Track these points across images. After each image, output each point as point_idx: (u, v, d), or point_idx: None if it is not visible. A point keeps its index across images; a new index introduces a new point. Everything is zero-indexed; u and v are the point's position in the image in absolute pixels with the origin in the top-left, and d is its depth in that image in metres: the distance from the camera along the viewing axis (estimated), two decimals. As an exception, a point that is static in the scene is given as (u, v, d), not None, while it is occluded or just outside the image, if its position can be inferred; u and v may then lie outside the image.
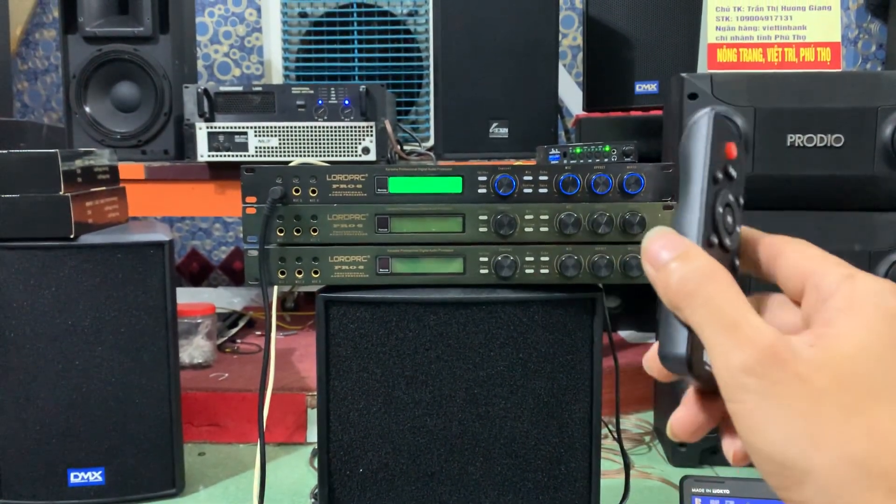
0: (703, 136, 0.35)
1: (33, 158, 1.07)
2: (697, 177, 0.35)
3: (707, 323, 0.32)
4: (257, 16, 2.39)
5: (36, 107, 2.47)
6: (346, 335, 0.86)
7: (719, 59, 1.32)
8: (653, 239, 0.35)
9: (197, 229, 2.51)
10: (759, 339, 0.31)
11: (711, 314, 0.32)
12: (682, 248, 0.34)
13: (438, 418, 0.87)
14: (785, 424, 0.30)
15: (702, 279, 0.33)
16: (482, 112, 1.67)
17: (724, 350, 0.31)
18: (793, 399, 0.30)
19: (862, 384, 0.30)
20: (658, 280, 0.34)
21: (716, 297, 0.32)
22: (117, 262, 1.10)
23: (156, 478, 1.15)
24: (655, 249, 0.34)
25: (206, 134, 1.49)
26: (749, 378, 0.30)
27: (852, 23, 2.31)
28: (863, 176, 1.22)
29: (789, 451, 0.30)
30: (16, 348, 1.09)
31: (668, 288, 0.33)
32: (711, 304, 0.32)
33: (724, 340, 0.31)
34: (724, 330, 0.31)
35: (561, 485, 0.88)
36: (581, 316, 0.86)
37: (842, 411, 0.30)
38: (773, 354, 0.30)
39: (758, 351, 0.31)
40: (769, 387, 0.30)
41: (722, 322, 0.32)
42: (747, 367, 0.31)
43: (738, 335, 0.31)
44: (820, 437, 0.30)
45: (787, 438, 0.30)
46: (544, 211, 0.84)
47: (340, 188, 0.85)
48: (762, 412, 0.30)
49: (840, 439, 0.29)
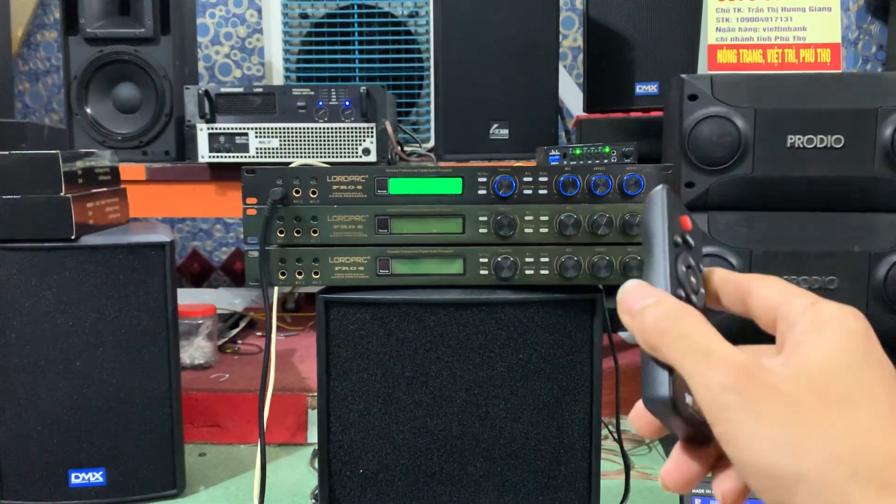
0: (659, 207, 0.39)
1: (34, 159, 1.08)
2: (658, 242, 0.38)
3: (683, 355, 0.34)
4: (258, 17, 2.40)
5: (37, 108, 2.47)
6: (347, 336, 0.86)
7: (719, 60, 1.32)
8: (627, 291, 0.37)
9: (198, 230, 2.51)
10: (732, 360, 0.33)
11: (686, 346, 0.34)
12: (654, 295, 0.36)
13: (438, 419, 0.87)
14: (769, 435, 0.31)
15: (674, 317, 0.35)
16: (482, 113, 1.67)
17: (702, 374, 0.33)
18: (773, 410, 0.31)
19: (835, 392, 0.32)
20: (634, 325, 0.36)
21: (688, 331, 0.34)
22: (118, 263, 1.10)
23: (156, 478, 1.15)
24: (630, 299, 0.37)
25: (206, 135, 1.50)
26: (728, 396, 0.32)
27: (852, 24, 2.31)
28: (863, 177, 1.22)
29: (777, 461, 0.31)
30: (17, 349, 1.09)
31: (644, 330, 0.36)
32: (685, 337, 0.34)
33: (701, 366, 0.33)
34: (699, 357, 0.33)
35: (561, 485, 0.89)
36: (581, 317, 0.86)
37: (821, 416, 0.31)
38: (747, 371, 0.32)
39: (733, 370, 0.32)
40: (748, 401, 0.32)
41: (697, 351, 0.34)
42: (725, 386, 0.32)
43: (712, 359, 0.33)
44: (804, 441, 0.31)
45: (773, 448, 0.31)
46: (544, 212, 0.84)
47: (341, 189, 0.85)
48: (746, 427, 0.32)
49: (824, 441, 0.31)
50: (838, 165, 1.22)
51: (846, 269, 1.22)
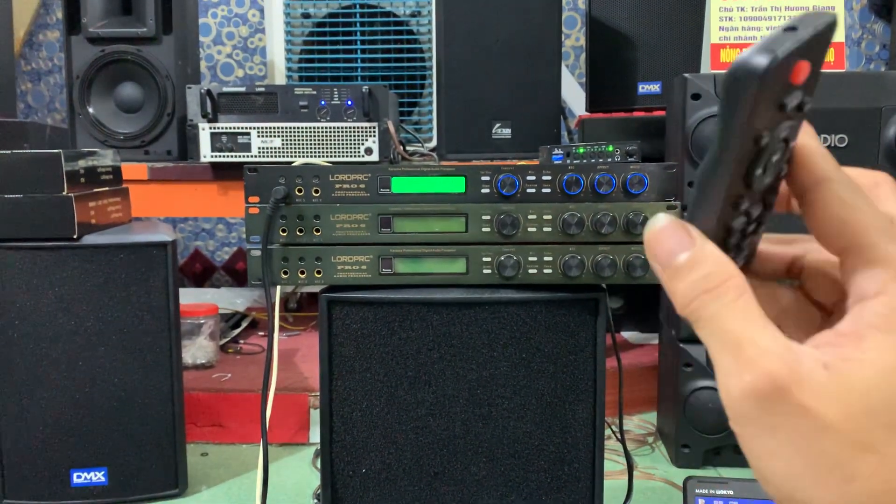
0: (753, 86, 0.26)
1: (37, 159, 1.08)
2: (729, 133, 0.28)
3: (711, 339, 0.29)
4: (260, 17, 2.40)
5: (39, 108, 2.47)
6: (349, 335, 0.86)
7: (722, 60, 1.32)
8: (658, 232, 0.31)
9: (200, 230, 2.51)
10: (762, 364, 0.28)
11: (715, 332, 0.29)
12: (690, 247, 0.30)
13: (441, 418, 0.87)
14: (786, 457, 0.28)
15: (705, 296, 0.29)
16: (485, 113, 1.67)
17: (726, 372, 0.29)
18: (794, 433, 0.28)
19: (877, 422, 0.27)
20: (666, 283, 0.31)
21: (721, 314, 0.29)
22: (120, 263, 1.10)
23: (158, 478, 1.15)
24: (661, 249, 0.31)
25: (209, 134, 1.50)
26: (750, 407, 0.28)
27: (856, 23, 2.30)
28: (866, 176, 1.21)
29: (790, 487, 0.28)
30: (19, 348, 1.09)
31: (675, 297, 0.31)
32: (716, 322, 0.29)
33: (728, 362, 0.29)
34: (727, 351, 0.29)
35: (564, 485, 0.88)
36: (584, 316, 0.86)
37: (848, 448, 0.27)
38: (773, 383, 0.28)
39: (759, 378, 0.28)
40: (768, 418, 0.28)
41: (725, 342, 0.29)
42: (747, 395, 0.28)
43: (741, 359, 0.28)
44: (821, 473, 0.27)
45: (789, 473, 0.28)
46: (547, 211, 0.84)
47: (343, 188, 0.85)
48: (764, 441, 0.28)
49: (843, 479, 0.27)
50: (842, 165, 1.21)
51: (850, 269, 1.21)
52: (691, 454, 1.29)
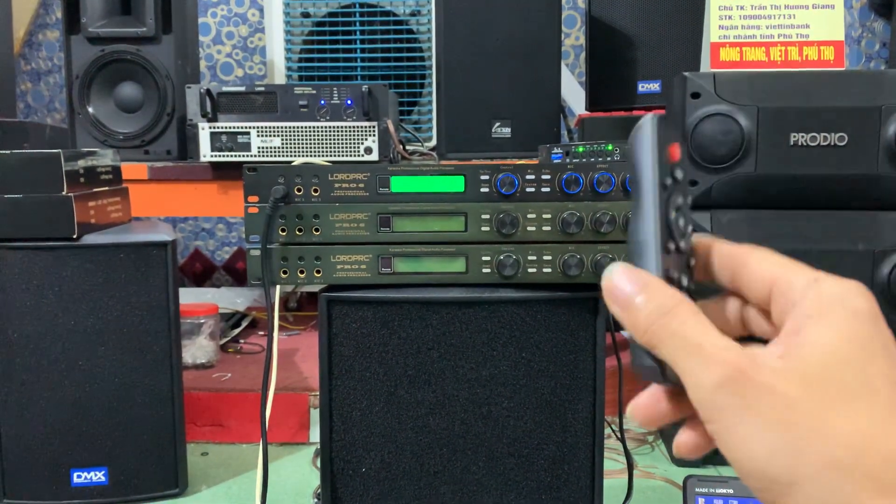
0: (648, 144, 0.36)
1: (36, 159, 1.08)
2: (648, 186, 0.36)
3: (675, 352, 0.33)
4: (260, 16, 2.39)
5: (39, 107, 2.47)
6: (349, 335, 0.86)
7: (722, 58, 1.32)
8: (613, 278, 0.36)
9: (200, 229, 2.51)
10: (725, 358, 0.32)
11: (678, 344, 0.33)
12: (643, 283, 0.35)
13: (441, 418, 0.87)
14: (764, 438, 0.30)
15: (665, 313, 0.34)
16: (485, 112, 1.67)
17: (695, 373, 0.32)
18: (768, 411, 0.30)
19: (835, 387, 0.30)
20: (625, 319, 0.35)
21: (681, 328, 0.33)
22: (120, 262, 1.10)
23: (159, 478, 1.15)
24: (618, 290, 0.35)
25: (208, 134, 1.50)
26: (722, 396, 0.31)
27: (856, 21, 2.30)
28: (867, 175, 1.21)
29: (772, 465, 0.30)
30: (19, 348, 1.09)
31: (636, 325, 0.35)
32: (677, 336, 0.33)
33: (693, 365, 0.32)
34: (691, 355, 0.32)
35: (564, 484, 0.88)
36: (584, 315, 0.86)
37: (818, 417, 0.30)
38: (739, 369, 0.31)
39: (726, 368, 0.31)
40: (742, 402, 0.31)
41: (688, 347, 0.33)
42: (718, 384, 0.31)
43: (704, 355, 0.32)
44: (800, 446, 0.30)
45: (768, 453, 0.30)
46: (547, 210, 0.84)
47: (342, 187, 0.85)
48: (740, 428, 0.31)
49: (821, 446, 0.30)
50: (841, 164, 1.21)
51: (850, 268, 1.21)
52: (691, 453, 1.29)
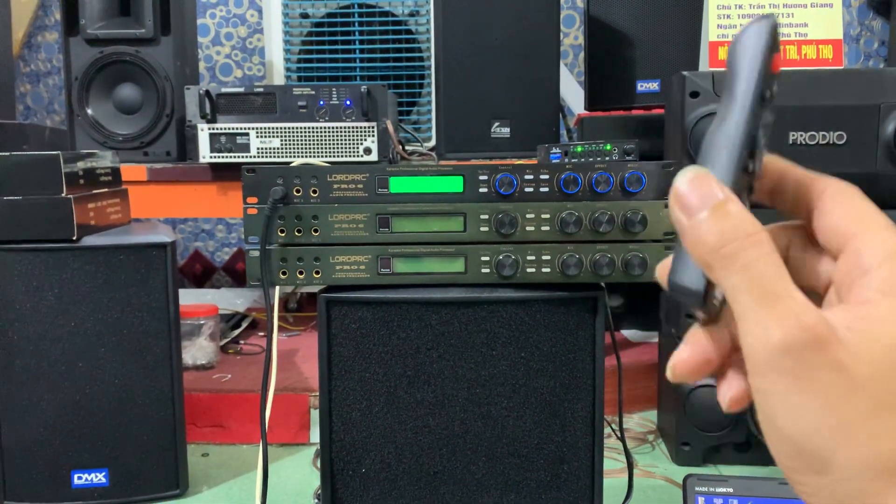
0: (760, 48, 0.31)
1: (35, 160, 1.08)
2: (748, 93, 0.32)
3: (744, 290, 0.29)
4: (258, 17, 2.40)
5: (39, 109, 2.47)
6: (348, 335, 0.86)
7: (721, 57, 1.32)
8: (688, 181, 0.31)
9: (200, 231, 2.51)
10: (802, 318, 0.28)
11: (750, 282, 0.29)
12: (720, 198, 0.30)
13: (440, 418, 0.87)
14: (816, 412, 0.28)
15: (743, 241, 0.29)
16: (484, 112, 1.67)
17: (762, 324, 0.29)
18: (829, 387, 0.28)
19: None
20: (689, 231, 0.31)
21: (757, 264, 0.29)
22: (119, 264, 1.10)
23: (159, 479, 1.15)
24: (690, 195, 0.30)
25: (207, 135, 1.50)
26: (786, 359, 0.28)
27: (854, 20, 2.30)
28: (865, 173, 1.21)
29: (815, 440, 0.29)
30: (19, 350, 1.09)
31: (702, 243, 0.30)
32: (751, 271, 0.29)
33: (764, 313, 0.29)
34: (763, 301, 0.29)
35: (564, 484, 0.88)
36: (583, 315, 0.86)
37: (876, 406, 0.28)
38: (815, 337, 0.28)
39: (800, 331, 0.28)
40: (806, 371, 0.28)
41: (762, 292, 0.29)
42: (786, 347, 0.28)
43: (779, 310, 0.28)
44: (850, 430, 0.28)
45: (815, 427, 0.29)
46: (545, 210, 0.84)
47: (341, 188, 0.85)
48: (793, 396, 0.29)
49: (870, 435, 0.28)
50: (840, 162, 1.21)
51: (849, 266, 1.21)
52: (692, 452, 1.30)
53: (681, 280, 0.32)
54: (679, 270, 0.32)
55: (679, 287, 0.32)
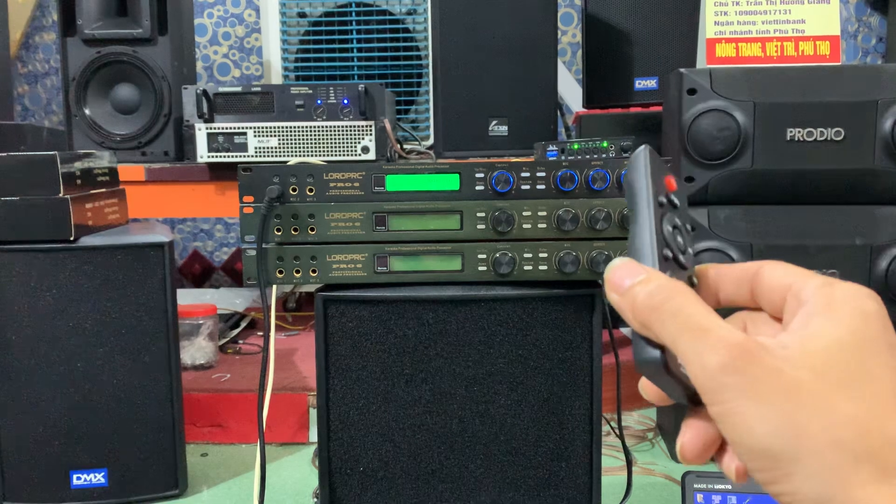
0: (643, 166, 0.38)
1: (33, 161, 1.08)
2: (643, 201, 0.37)
3: (678, 332, 0.33)
4: (256, 16, 2.39)
5: (36, 110, 2.47)
6: (346, 334, 0.86)
7: (718, 54, 1.32)
8: (615, 268, 0.36)
9: (198, 230, 2.51)
10: (731, 339, 0.32)
11: (681, 323, 0.33)
12: (644, 272, 0.35)
13: (438, 416, 0.87)
14: (768, 418, 0.31)
15: (667, 293, 0.34)
16: (482, 110, 1.67)
17: (699, 354, 0.32)
18: (773, 392, 0.31)
19: (838, 373, 0.31)
20: (623, 303, 0.35)
21: (683, 308, 0.33)
22: (117, 264, 1.10)
23: (158, 479, 1.15)
24: (618, 277, 0.35)
25: (205, 135, 1.49)
26: (727, 376, 0.31)
27: (852, 16, 2.30)
28: (863, 169, 1.21)
29: (776, 444, 0.30)
30: (17, 351, 1.09)
31: (635, 306, 0.34)
32: (680, 315, 0.33)
33: (698, 345, 0.32)
34: (695, 335, 0.32)
35: (562, 481, 0.88)
36: (580, 312, 0.86)
37: (822, 399, 0.30)
38: (746, 351, 0.31)
39: (731, 349, 0.31)
40: (748, 382, 0.31)
41: (692, 329, 0.32)
42: (724, 366, 0.31)
43: (709, 337, 0.32)
44: (804, 426, 0.30)
45: (772, 431, 0.30)
46: (542, 207, 0.84)
47: (338, 187, 0.85)
48: (745, 408, 0.31)
49: (823, 426, 0.30)
50: (838, 158, 1.21)
51: (847, 263, 1.22)
52: (691, 449, 1.29)
53: (640, 356, 0.35)
54: (637, 350, 0.35)
55: (641, 363, 0.35)
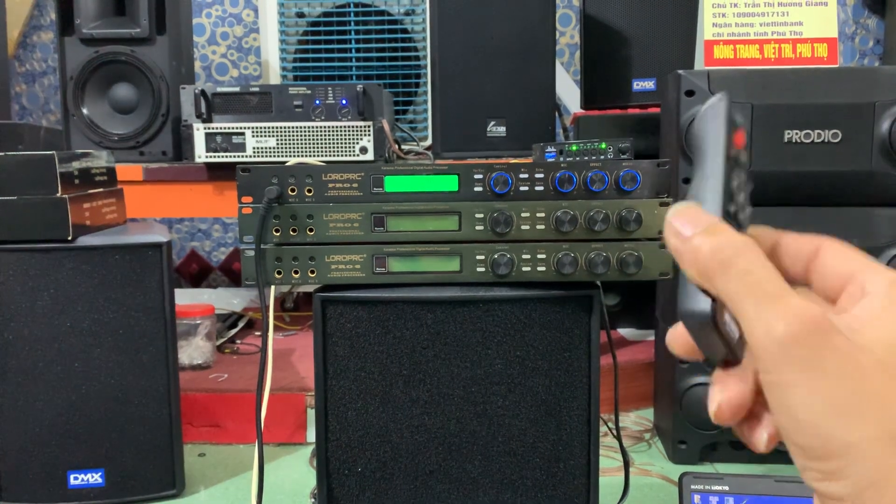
0: (721, 116, 0.35)
1: (30, 160, 1.08)
2: (716, 152, 0.35)
3: (745, 293, 0.31)
4: (254, 16, 2.39)
5: (34, 109, 2.47)
6: (344, 334, 0.86)
7: (716, 56, 1.32)
8: (679, 212, 0.34)
9: (196, 230, 2.51)
10: (805, 311, 0.30)
11: (751, 284, 0.31)
12: (710, 222, 0.33)
13: (436, 417, 0.87)
14: (829, 396, 0.30)
15: (737, 249, 0.32)
16: (480, 111, 1.67)
17: (767, 320, 0.30)
18: (839, 371, 0.30)
19: None
20: (685, 251, 0.33)
21: (753, 268, 0.31)
22: (115, 264, 1.10)
23: (156, 479, 1.15)
24: (681, 222, 0.33)
25: (203, 135, 1.49)
26: (794, 348, 0.30)
27: (849, 18, 2.30)
28: (861, 171, 1.21)
29: (831, 423, 0.30)
30: (14, 350, 1.09)
31: (699, 257, 0.32)
32: (750, 275, 0.31)
33: (766, 311, 0.30)
34: (764, 300, 0.31)
35: (560, 482, 0.88)
36: (578, 313, 0.86)
37: (885, 391, 0.30)
38: (819, 326, 0.30)
39: (805, 322, 0.30)
40: (815, 358, 0.30)
41: (762, 293, 0.31)
42: (793, 337, 0.30)
43: (780, 306, 0.30)
44: (864, 410, 0.30)
45: (830, 409, 0.30)
46: (541, 208, 0.84)
47: (336, 187, 0.85)
48: (806, 383, 0.30)
49: (883, 415, 0.30)
50: (836, 160, 1.21)
51: (844, 264, 1.22)
52: (688, 450, 1.30)
53: (687, 306, 0.33)
54: (684, 299, 0.33)
55: (688, 313, 0.33)
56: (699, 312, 0.32)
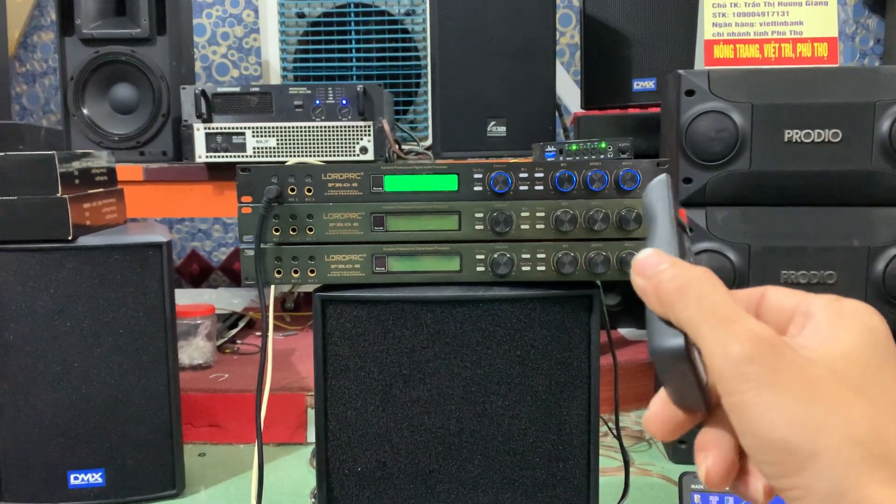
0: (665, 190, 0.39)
1: (31, 160, 1.08)
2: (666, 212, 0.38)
3: (702, 318, 0.33)
4: (255, 17, 2.39)
5: (34, 109, 2.47)
6: (343, 334, 0.86)
7: (716, 56, 1.32)
8: (644, 256, 0.36)
9: (196, 230, 2.51)
10: (758, 331, 0.32)
11: (706, 309, 0.33)
12: (671, 259, 0.36)
13: (436, 416, 0.87)
14: (788, 409, 0.31)
15: (694, 278, 0.34)
16: (480, 111, 1.67)
17: (722, 342, 0.32)
18: (795, 385, 0.31)
19: (854, 377, 0.32)
20: (648, 286, 0.35)
21: (709, 294, 0.33)
22: (115, 264, 1.10)
23: (156, 479, 1.15)
24: (646, 264, 0.36)
25: (203, 135, 1.49)
26: (750, 367, 0.31)
27: (850, 18, 2.30)
28: (861, 171, 1.21)
29: (793, 436, 0.31)
30: (15, 350, 1.09)
31: (660, 288, 0.34)
32: (706, 300, 0.33)
33: (722, 334, 0.32)
34: (720, 324, 0.32)
35: (559, 482, 0.88)
36: (578, 313, 0.86)
37: (842, 399, 0.31)
38: (772, 344, 0.32)
39: (758, 341, 0.32)
40: (771, 374, 0.31)
41: (717, 317, 0.33)
42: (747, 356, 0.31)
43: (735, 328, 0.32)
44: (823, 420, 0.30)
45: (790, 423, 0.31)
46: (540, 208, 0.84)
47: (336, 187, 0.85)
48: (765, 399, 0.31)
49: (843, 422, 0.30)
50: (836, 160, 1.21)
51: (845, 264, 1.22)
52: (688, 450, 1.30)
53: (658, 342, 0.34)
54: (655, 336, 0.34)
55: (659, 349, 0.34)
56: (671, 347, 0.33)
